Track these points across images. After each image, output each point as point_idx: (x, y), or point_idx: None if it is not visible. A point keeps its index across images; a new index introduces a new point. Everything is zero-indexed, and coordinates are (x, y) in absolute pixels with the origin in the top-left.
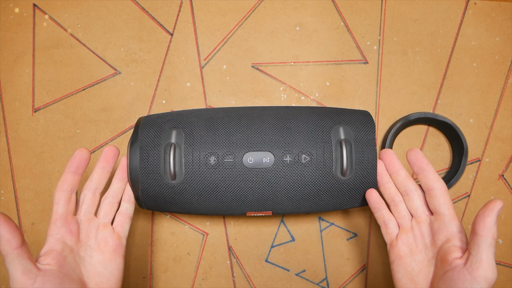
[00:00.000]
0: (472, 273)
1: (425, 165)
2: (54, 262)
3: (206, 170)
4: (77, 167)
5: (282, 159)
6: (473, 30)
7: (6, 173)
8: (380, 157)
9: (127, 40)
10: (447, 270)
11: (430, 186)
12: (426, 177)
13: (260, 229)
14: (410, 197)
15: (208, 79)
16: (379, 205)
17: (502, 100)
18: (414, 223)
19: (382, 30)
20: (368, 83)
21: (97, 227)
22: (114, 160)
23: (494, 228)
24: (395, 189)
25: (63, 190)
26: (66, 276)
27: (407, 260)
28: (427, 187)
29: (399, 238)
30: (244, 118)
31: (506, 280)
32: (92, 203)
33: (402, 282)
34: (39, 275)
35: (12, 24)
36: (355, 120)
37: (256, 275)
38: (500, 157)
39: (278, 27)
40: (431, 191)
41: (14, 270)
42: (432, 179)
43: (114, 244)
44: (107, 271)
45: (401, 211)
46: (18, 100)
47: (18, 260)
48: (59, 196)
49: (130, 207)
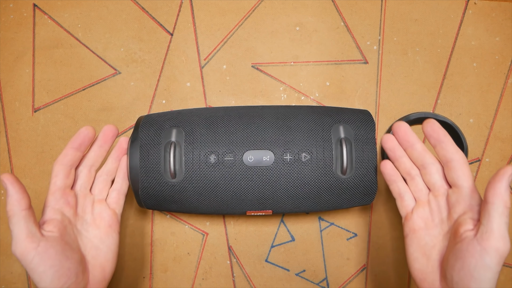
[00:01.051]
0: (482, 244)
1: (442, 136)
2: (56, 230)
3: (206, 169)
4: (80, 144)
5: (282, 157)
6: (473, 30)
7: (6, 172)
8: (394, 131)
9: (127, 40)
10: (458, 242)
11: (448, 158)
12: (444, 149)
13: (260, 229)
14: (427, 170)
15: (208, 79)
16: (394, 177)
17: (502, 100)
18: (431, 197)
19: (382, 30)
20: (368, 83)
21: (92, 203)
22: (112, 140)
23: (506, 195)
24: (411, 162)
25: (63, 164)
26: (67, 244)
27: (421, 234)
28: (446, 159)
29: (415, 212)
30: (244, 117)
31: (506, 280)
32: (87, 179)
33: (414, 256)
34: (42, 240)
35: (12, 24)
36: (355, 119)
37: (256, 275)
38: (500, 157)
39: (278, 27)
40: (449, 163)
41: (19, 232)
42: (451, 151)
43: (110, 219)
44: (104, 245)
45: (418, 185)
46: (18, 100)
47: (24, 222)
48: (58, 169)
49: (124, 184)
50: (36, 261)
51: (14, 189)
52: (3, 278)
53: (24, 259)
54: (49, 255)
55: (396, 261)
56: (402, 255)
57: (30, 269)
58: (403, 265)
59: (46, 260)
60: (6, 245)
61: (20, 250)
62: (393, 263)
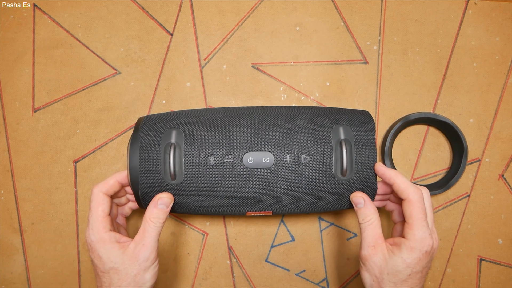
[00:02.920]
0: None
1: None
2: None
3: (206, 170)
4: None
5: (282, 159)
6: (473, 30)
7: (6, 173)
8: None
9: (127, 40)
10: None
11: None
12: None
13: (260, 229)
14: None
15: (208, 79)
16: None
17: (502, 100)
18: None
19: (382, 30)
20: (368, 83)
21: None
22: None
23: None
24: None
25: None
26: None
27: None
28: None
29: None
30: (244, 118)
31: (506, 280)
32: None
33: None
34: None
35: (12, 24)
36: (355, 120)
37: (256, 275)
38: (500, 157)
39: (278, 27)
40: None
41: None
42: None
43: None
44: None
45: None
46: (18, 100)
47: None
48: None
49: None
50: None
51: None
52: (3, 278)
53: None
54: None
55: None
56: None
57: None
58: None
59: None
60: (6, 245)
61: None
62: None
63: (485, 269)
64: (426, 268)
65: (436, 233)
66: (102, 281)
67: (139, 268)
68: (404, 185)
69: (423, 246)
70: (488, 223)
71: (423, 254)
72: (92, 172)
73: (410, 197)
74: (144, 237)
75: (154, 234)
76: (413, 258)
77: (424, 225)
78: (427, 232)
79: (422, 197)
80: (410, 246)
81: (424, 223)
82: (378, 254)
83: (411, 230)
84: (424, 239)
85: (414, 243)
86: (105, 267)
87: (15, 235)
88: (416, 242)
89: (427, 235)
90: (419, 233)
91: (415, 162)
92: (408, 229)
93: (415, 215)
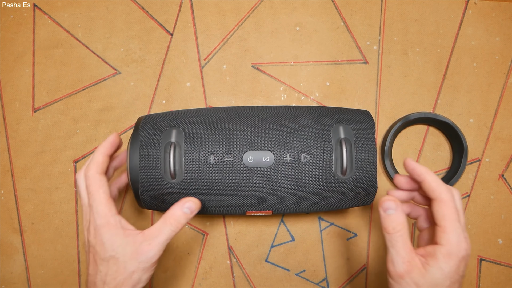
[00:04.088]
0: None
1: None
2: None
3: (206, 169)
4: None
5: (282, 158)
6: (473, 30)
7: (6, 173)
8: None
9: (127, 40)
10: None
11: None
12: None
13: (260, 229)
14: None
15: (208, 79)
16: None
17: (502, 100)
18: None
19: (382, 30)
20: (368, 83)
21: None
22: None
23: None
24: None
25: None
26: None
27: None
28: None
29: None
30: (244, 117)
31: (506, 280)
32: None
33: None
34: None
35: (12, 24)
36: (355, 119)
37: (256, 275)
38: (500, 157)
39: (278, 27)
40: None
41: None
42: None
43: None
44: None
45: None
46: (18, 100)
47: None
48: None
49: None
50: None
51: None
52: (3, 278)
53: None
54: None
55: None
56: None
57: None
58: None
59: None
60: (6, 244)
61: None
62: None
63: (485, 269)
64: (462, 277)
65: (468, 239)
66: (98, 269)
67: (138, 266)
68: (435, 183)
69: (460, 250)
70: (488, 223)
71: (460, 260)
72: None
73: (443, 195)
74: (155, 235)
75: (167, 236)
76: (451, 266)
77: (458, 227)
78: (462, 235)
79: (453, 197)
80: (447, 253)
81: (458, 225)
82: (414, 270)
83: (445, 233)
84: (460, 242)
85: (450, 248)
86: (105, 255)
87: (15, 235)
88: (452, 247)
89: (462, 238)
90: (454, 236)
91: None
92: (442, 233)
93: (449, 216)
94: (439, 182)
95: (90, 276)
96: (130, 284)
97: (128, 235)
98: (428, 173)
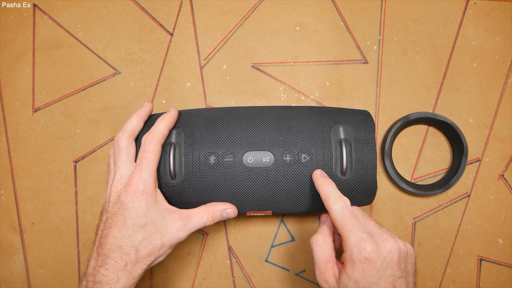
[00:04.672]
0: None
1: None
2: None
3: (206, 170)
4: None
5: (282, 158)
6: (473, 30)
7: (6, 173)
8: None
9: (127, 40)
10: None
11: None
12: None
13: (260, 229)
14: None
15: (208, 79)
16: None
17: (502, 100)
18: None
19: (382, 30)
20: (368, 83)
21: None
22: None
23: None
24: None
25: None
26: None
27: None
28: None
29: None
30: (244, 118)
31: (506, 280)
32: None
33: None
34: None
35: (12, 24)
36: (355, 120)
37: (256, 275)
38: (500, 157)
39: (278, 27)
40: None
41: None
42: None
43: None
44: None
45: None
46: (18, 100)
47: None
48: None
49: None
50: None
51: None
52: (3, 278)
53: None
54: None
55: None
56: None
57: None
58: None
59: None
60: (6, 245)
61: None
62: None
63: (485, 269)
64: (387, 280)
65: (386, 237)
66: (128, 233)
67: (169, 241)
68: (325, 195)
69: (360, 253)
70: (488, 223)
71: (363, 263)
72: (92, 172)
73: (331, 206)
74: (191, 220)
75: (200, 226)
76: (356, 271)
77: (352, 231)
78: (359, 236)
79: (345, 206)
80: (349, 258)
81: (352, 228)
82: (329, 279)
83: (344, 240)
84: (359, 244)
85: (350, 253)
86: (140, 222)
87: (15, 235)
88: (352, 252)
89: (360, 239)
90: (351, 241)
91: (415, 162)
92: (343, 240)
93: (341, 224)
94: (330, 193)
95: (109, 238)
96: (154, 256)
97: (167, 209)
98: (323, 185)
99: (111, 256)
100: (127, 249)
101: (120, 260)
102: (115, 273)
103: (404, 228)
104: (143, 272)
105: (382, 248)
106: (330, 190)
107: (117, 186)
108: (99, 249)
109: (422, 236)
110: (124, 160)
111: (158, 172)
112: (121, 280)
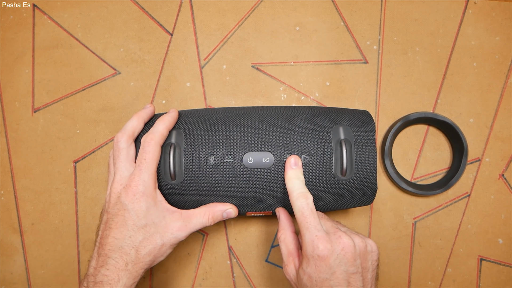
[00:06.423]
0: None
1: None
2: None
3: (206, 170)
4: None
5: (282, 159)
6: (473, 30)
7: (6, 173)
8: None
9: (127, 40)
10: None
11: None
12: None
13: (260, 229)
14: None
15: (208, 79)
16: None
17: (502, 100)
18: None
19: (382, 30)
20: (368, 83)
21: None
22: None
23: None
24: None
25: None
26: None
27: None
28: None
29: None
30: (243, 118)
31: (507, 280)
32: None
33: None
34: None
35: (12, 24)
36: (355, 120)
37: (256, 275)
38: (500, 157)
39: (278, 27)
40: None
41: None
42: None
43: None
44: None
45: None
46: (18, 100)
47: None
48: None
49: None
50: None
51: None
52: (3, 278)
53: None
54: None
55: (396, 261)
56: (402, 255)
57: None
58: (403, 265)
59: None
60: (6, 245)
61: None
62: (393, 263)
63: (485, 269)
64: (340, 276)
65: (340, 234)
66: (129, 234)
67: (169, 240)
68: (289, 190)
69: (313, 250)
70: (488, 222)
71: (317, 259)
72: (92, 172)
73: (293, 203)
74: (191, 220)
75: (200, 226)
76: (310, 267)
77: (309, 228)
78: (314, 234)
79: (306, 203)
80: (304, 254)
81: (309, 226)
82: (290, 273)
83: (300, 236)
84: (311, 241)
85: (305, 249)
86: (140, 222)
87: (15, 235)
88: (306, 248)
89: (314, 237)
90: (306, 238)
91: (415, 162)
92: (300, 238)
93: (299, 221)
94: (294, 189)
95: (109, 238)
96: (155, 256)
97: (167, 209)
98: (290, 179)
99: (112, 256)
100: (127, 249)
101: (121, 260)
102: (115, 273)
103: (404, 228)
104: (143, 272)
105: (335, 245)
106: (295, 185)
107: (117, 187)
108: (99, 250)
109: (422, 236)
110: (124, 161)
111: (158, 172)
112: (122, 280)
